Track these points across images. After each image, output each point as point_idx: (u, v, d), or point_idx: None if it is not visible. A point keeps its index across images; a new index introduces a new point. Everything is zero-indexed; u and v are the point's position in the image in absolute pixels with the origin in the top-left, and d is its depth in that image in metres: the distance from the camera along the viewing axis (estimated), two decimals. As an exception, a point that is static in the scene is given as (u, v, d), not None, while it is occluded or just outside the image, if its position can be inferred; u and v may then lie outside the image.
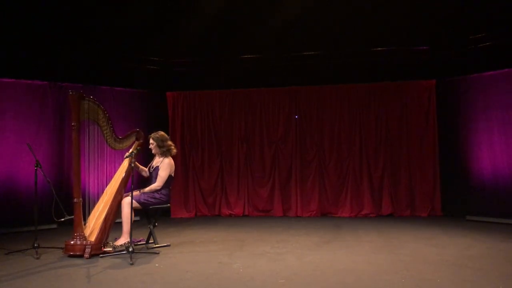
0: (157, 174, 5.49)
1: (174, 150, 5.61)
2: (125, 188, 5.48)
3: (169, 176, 5.52)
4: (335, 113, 8.24)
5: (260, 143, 8.43)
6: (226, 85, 8.49)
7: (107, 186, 5.51)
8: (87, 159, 5.27)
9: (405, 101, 8.06)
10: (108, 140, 5.35)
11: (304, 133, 8.31)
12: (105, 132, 5.31)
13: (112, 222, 5.32)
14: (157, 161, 5.61)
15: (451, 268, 4.35)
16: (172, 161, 5.57)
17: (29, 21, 6.85)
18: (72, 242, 5.07)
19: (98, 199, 5.42)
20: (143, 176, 5.83)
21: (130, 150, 5.38)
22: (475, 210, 7.34)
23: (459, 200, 7.66)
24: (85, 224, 5.22)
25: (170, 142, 5.61)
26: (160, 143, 5.54)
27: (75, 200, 5.14)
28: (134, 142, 5.67)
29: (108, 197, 5.39)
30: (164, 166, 5.47)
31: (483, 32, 7.35)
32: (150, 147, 5.60)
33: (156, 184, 5.45)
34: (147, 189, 5.48)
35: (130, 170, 5.31)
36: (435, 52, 7.92)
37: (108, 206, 5.29)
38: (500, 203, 7.08)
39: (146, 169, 5.71)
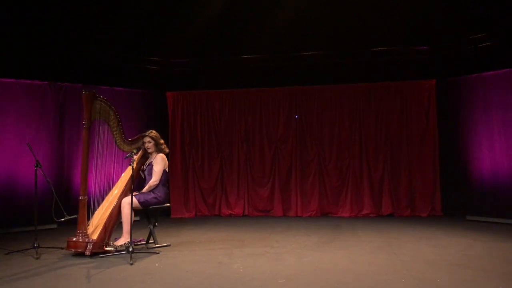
0: (151, 171, 5.56)
1: (167, 150, 5.77)
2: (130, 190, 5.48)
3: (164, 171, 5.58)
4: (335, 113, 8.24)
5: (260, 143, 8.42)
6: (226, 85, 8.48)
7: (114, 187, 5.55)
8: (95, 159, 5.33)
9: (405, 101, 8.05)
10: (117, 141, 5.41)
11: (304, 133, 8.31)
12: (114, 133, 5.38)
13: (115, 222, 5.34)
14: (150, 159, 5.70)
15: (451, 268, 4.35)
16: (165, 157, 5.67)
17: (29, 21, 6.85)
18: (74, 239, 5.10)
19: (103, 198, 5.44)
20: (141, 177, 5.85)
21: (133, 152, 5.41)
22: (475, 210, 7.33)
23: (459, 200, 7.66)
24: (88, 222, 5.24)
25: (162, 141, 5.75)
26: (158, 141, 5.66)
27: (80, 197, 5.21)
28: (142, 145, 5.70)
29: (113, 197, 5.42)
30: (157, 161, 5.56)
31: (483, 32, 7.35)
32: (146, 146, 5.63)
33: (153, 180, 5.51)
34: (145, 188, 5.52)
35: (136, 172, 5.38)
36: (435, 52, 7.92)
37: (112, 206, 5.32)
38: (500, 203, 7.07)
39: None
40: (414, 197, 7.94)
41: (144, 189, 5.53)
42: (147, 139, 5.62)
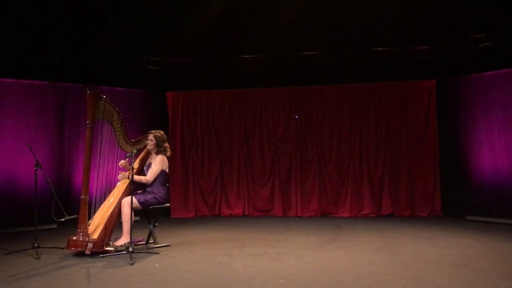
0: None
1: (169, 153, 5.71)
2: (131, 190, 5.46)
3: (163, 172, 5.58)
4: (335, 113, 8.24)
5: (260, 143, 8.42)
6: (226, 85, 8.48)
7: (115, 187, 5.56)
8: (97, 158, 5.34)
9: (405, 101, 8.05)
10: (120, 142, 5.43)
11: (304, 133, 8.30)
12: (117, 133, 5.40)
13: (116, 222, 5.35)
14: (151, 158, 5.70)
15: (451, 268, 4.35)
16: (166, 159, 5.64)
17: (29, 21, 6.85)
18: (74, 238, 5.12)
19: (104, 198, 5.45)
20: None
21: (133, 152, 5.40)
22: (475, 210, 7.33)
23: (459, 200, 7.66)
24: (89, 222, 5.25)
25: (167, 144, 5.72)
26: (160, 143, 5.63)
27: (82, 197, 5.22)
28: (145, 146, 5.71)
29: (114, 197, 5.43)
30: (156, 161, 5.56)
31: (483, 32, 7.35)
32: (147, 142, 5.63)
33: (147, 177, 5.50)
34: (137, 177, 5.43)
35: (137, 173, 5.39)
36: (435, 52, 7.92)
37: (113, 206, 5.33)
38: (500, 203, 7.07)
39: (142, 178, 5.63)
40: (414, 197, 7.94)
41: (136, 177, 5.39)
42: (150, 136, 5.62)
